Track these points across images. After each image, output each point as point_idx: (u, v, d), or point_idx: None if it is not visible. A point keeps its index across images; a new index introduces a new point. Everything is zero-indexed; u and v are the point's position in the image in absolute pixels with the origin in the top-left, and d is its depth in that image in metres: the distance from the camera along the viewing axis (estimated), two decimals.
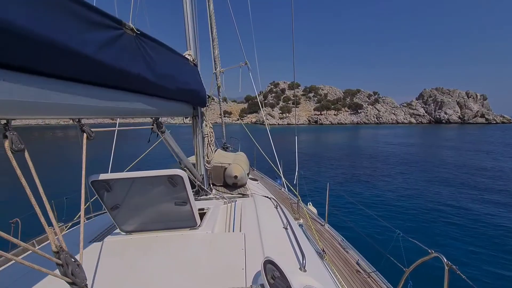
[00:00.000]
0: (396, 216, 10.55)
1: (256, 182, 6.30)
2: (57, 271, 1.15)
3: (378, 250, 5.06)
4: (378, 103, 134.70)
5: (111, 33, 1.49)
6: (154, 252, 2.02)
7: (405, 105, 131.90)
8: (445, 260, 2.53)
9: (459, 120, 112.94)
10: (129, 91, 1.95)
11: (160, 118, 3.00)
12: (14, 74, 1.03)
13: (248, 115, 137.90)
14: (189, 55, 3.54)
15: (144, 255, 1.97)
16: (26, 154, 1.11)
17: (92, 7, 1.27)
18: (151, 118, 2.90)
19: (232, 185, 4.91)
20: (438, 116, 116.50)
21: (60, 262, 1.17)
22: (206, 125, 4.42)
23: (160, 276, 1.64)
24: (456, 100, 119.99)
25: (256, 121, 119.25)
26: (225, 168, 4.96)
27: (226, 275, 1.61)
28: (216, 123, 9.39)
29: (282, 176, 5.39)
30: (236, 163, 5.08)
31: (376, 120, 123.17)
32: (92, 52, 1.31)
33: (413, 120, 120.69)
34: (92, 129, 1.73)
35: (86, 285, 1.28)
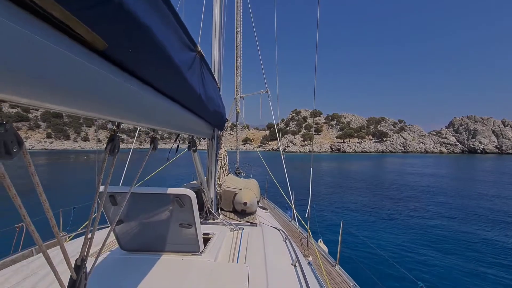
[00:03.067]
0: (419, 267, 9.12)
1: (266, 211, 6.20)
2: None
3: None
4: (405, 131, 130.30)
5: (190, 53, 1.52)
6: (152, 274, 1.96)
7: (434, 133, 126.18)
8: None
9: (496, 150, 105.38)
10: (182, 106, 1.86)
11: (194, 136, 2.96)
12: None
13: (270, 142, 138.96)
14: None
15: (142, 276, 1.90)
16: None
17: (184, 27, 1.33)
18: (185, 135, 2.81)
19: (241, 212, 4.82)
20: (472, 145, 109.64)
21: (75, 276, 1.12)
22: (221, 148, 4.55)
23: None
24: (491, 129, 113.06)
25: (277, 148, 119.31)
26: (235, 194, 4.90)
27: None
28: (232, 149, 9.67)
29: (293, 207, 5.26)
30: (248, 188, 5.05)
31: (403, 148, 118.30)
32: (179, 69, 1.34)
33: (444, 149, 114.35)
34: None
35: None
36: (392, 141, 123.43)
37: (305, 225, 4.95)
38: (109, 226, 2.47)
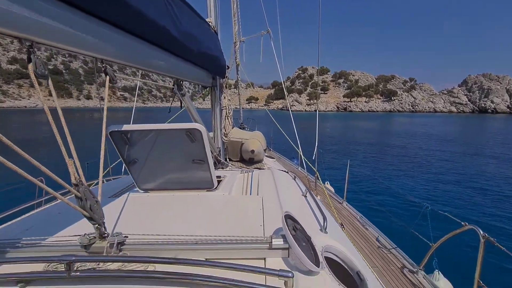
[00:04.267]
0: (423, 194, 10.05)
1: (273, 159, 6.27)
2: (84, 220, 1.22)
3: (401, 226, 4.96)
4: (415, 90, 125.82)
5: None
6: (172, 208, 2.05)
7: (445, 92, 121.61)
8: (481, 232, 2.43)
9: (508, 109, 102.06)
10: (153, 44, 1.98)
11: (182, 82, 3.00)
12: None
13: (275, 101, 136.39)
14: (209, 22, 3.46)
15: (162, 210, 1.99)
16: (50, 82, 1.18)
17: None
18: (172, 79, 2.86)
19: (249, 161, 4.89)
20: (483, 105, 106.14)
21: (79, 194, 1.19)
22: (224, 97, 4.46)
23: (178, 227, 1.61)
24: (506, 88, 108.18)
25: (283, 107, 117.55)
26: (242, 143, 4.93)
27: (245, 230, 1.58)
28: (236, 108, 9.43)
29: (300, 152, 5.24)
30: (254, 138, 5.06)
31: (411, 108, 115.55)
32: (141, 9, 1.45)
33: (453, 108, 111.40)
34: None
35: (103, 223, 1.30)
36: (401, 100, 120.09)
37: (312, 167, 5.10)
38: (123, 176, 2.63)
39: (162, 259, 1.20)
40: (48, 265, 1.25)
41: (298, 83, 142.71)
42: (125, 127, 2.14)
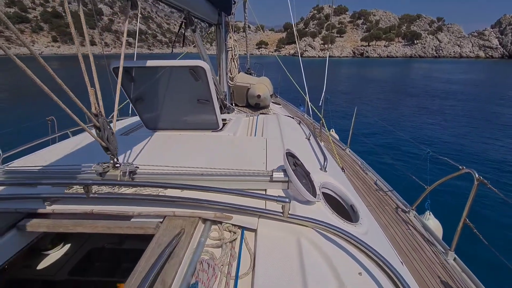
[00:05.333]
0: (430, 141, 10.12)
1: (279, 106, 6.25)
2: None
3: (401, 171, 5.15)
4: (441, 31, 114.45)
5: None
6: (178, 146, 2.12)
7: (475, 34, 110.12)
8: (477, 175, 2.48)
9: None
10: None
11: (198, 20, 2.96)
12: None
13: (286, 46, 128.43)
14: None
15: (169, 147, 2.07)
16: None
17: None
18: (181, 13, 2.82)
19: (255, 106, 4.84)
20: None
21: (98, 124, 1.28)
22: (230, 37, 4.21)
23: (185, 163, 1.66)
24: None
25: (295, 52, 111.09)
26: (248, 88, 4.82)
27: (248, 167, 1.63)
28: (245, 54, 9.00)
29: (307, 98, 5.14)
30: (261, 83, 4.95)
31: (434, 53, 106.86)
32: None
33: (481, 53, 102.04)
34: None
35: (117, 153, 1.42)
36: (424, 44, 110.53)
37: (318, 113, 5.11)
38: (129, 118, 2.70)
39: (171, 185, 1.34)
40: (69, 188, 1.43)
41: (312, 24, 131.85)
42: (128, 63, 2.11)
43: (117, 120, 3.69)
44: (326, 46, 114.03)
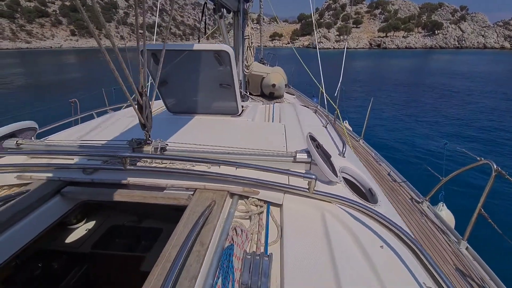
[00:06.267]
0: (447, 134, 9.79)
1: (293, 96, 6.28)
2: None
3: (415, 163, 5.01)
4: (465, 21, 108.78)
5: None
6: (201, 128, 2.21)
7: (501, 24, 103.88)
8: (495, 166, 2.45)
9: None
10: None
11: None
12: None
13: (300, 38, 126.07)
14: None
15: (192, 129, 2.16)
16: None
17: None
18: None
19: (269, 95, 4.85)
20: None
21: (141, 101, 1.39)
22: (248, 25, 4.24)
23: (209, 141, 1.75)
24: None
25: (309, 44, 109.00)
26: (263, 78, 4.83)
27: (269, 148, 1.70)
28: (258, 46, 9.01)
29: (322, 88, 5.18)
30: (275, 72, 4.95)
31: (456, 43, 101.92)
32: None
33: (507, 44, 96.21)
34: None
35: (150, 134, 1.54)
36: (446, 34, 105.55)
37: (333, 103, 5.08)
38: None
39: (202, 159, 1.46)
40: (106, 161, 1.55)
41: (328, 15, 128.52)
42: (155, 46, 2.22)
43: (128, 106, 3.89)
44: (341, 37, 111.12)
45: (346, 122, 7.43)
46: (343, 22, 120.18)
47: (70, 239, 2.01)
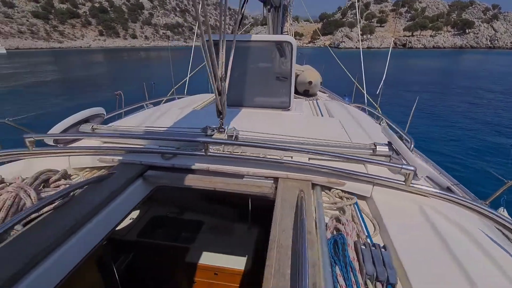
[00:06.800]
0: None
1: (326, 95, 6.25)
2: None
3: (471, 165, 4.54)
4: (497, 20, 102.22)
5: None
6: (257, 120, 2.17)
7: None
8: None
9: None
10: None
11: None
12: None
13: (322, 37, 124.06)
14: None
15: (250, 121, 2.11)
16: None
17: None
18: None
19: (303, 93, 4.76)
20: None
21: (220, 88, 1.41)
22: (287, 21, 4.29)
23: (271, 132, 1.71)
24: None
25: (330, 43, 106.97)
26: (298, 75, 4.73)
27: (335, 139, 1.63)
28: None
29: (364, 90, 5.04)
30: (311, 69, 4.89)
31: (488, 43, 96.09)
32: None
33: None
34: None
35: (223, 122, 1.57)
36: (477, 33, 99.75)
37: (374, 103, 4.89)
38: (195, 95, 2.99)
39: (287, 147, 1.41)
40: (179, 147, 1.55)
41: (351, 14, 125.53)
42: (217, 36, 2.18)
43: (179, 98, 3.91)
44: (364, 36, 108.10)
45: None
46: (366, 21, 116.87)
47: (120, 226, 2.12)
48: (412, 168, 1.18)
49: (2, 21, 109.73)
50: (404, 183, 1.20)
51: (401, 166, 1.19)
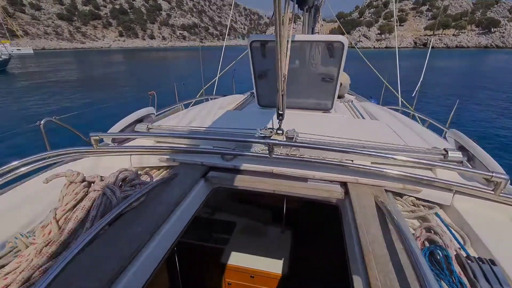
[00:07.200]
0: None
1: (353, 97, 6.12)
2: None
3: None
4: None
5: None
6: (299, 122, 1.96)
7: None
8: None
9: None
10: None
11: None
12: None
13: None
14: None
15: (292, 122, 1.95)
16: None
17: None
18: None
19: None
20: None
21: (283, 88, 1.34)
22: (318, 21, 4.27)
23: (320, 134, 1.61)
24: None
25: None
26: None
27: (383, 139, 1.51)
28: None
29: (399, 94, 4.87)
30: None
31: None
32: None
33: None
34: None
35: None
36: (503, 32, 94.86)
37: (409, 106, 4.64)
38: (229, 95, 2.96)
39: (356, 151, 1.30)
40: (233, 148, 1.50)
41: (368, 13, 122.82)
42: (265, 37, 2.19)
43: (212, 98, 3.88)
44: (382, 36, 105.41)
45: None
46: (385, 20, 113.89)
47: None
48: (505, 176, 1.05)
49: (30, 23, 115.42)
50: (492, 192, 1.08)
51: (491, 173, 1.07)
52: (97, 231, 0.83)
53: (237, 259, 2.25)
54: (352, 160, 1.35)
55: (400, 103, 4.91)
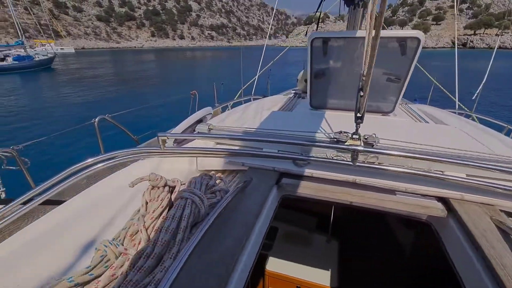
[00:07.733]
0: None
1: None
2: None
3: None
4: None
5: None
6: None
7: None
8: None
9: None
10: None
11: None
12: None
13: None
14: None
15: (328, 126, 1.78)
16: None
17: None
18: None
19: None
20: None
21: (361, 95, 1.21)
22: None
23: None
24: None
25: None
26: None
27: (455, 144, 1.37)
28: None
29: (456, 97, 4.70)
30: None
31: None
32: None
33: None
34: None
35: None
36: None
37: (466, 110, 4.22)
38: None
39: (456, 161, 1.15)
40: (300, 153, 1.37)
41: (402, 11, 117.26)
42: (327, 34, 2.03)
43: (255, 99, 3.78)
44: None
45: None
46: (420, 18, 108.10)
47: None
48: None
49: (72, 24, 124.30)
50: None
51: None
52: (194, 245, 0.76)
53: (281, 266, 2.15)
54: (442, 172, 1.17)
55: (457, 106, 4.50)
